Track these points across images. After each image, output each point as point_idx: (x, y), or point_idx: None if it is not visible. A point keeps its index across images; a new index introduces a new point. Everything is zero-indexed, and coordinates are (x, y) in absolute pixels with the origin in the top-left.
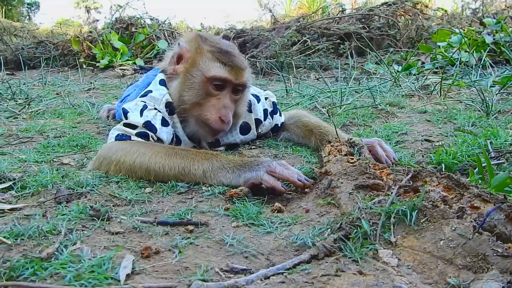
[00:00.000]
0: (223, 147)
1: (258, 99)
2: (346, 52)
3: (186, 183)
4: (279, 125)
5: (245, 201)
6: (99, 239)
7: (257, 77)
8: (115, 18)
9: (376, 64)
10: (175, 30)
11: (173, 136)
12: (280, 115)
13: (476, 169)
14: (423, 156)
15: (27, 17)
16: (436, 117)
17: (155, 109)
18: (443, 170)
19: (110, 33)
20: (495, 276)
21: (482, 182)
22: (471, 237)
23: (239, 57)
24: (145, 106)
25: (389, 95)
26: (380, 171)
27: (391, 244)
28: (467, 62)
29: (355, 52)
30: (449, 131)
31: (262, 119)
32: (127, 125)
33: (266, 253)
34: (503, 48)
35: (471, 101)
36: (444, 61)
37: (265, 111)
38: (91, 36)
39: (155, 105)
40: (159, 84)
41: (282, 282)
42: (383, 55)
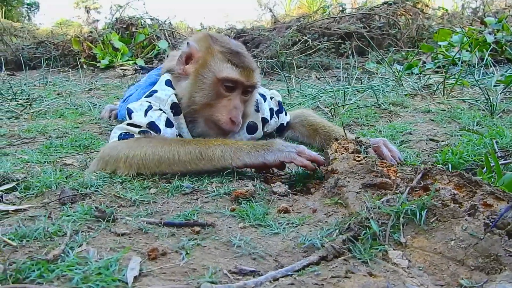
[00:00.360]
0: None
1: (264, 98)
2: (347, 52)
3: (198, 173)
4: (284, 124)
5: (251, 202)
6: (105, 241)
7: None
8: (116, 18)
9: (377, 64)
10: (176, 30)
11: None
12: (285, 114)
13: (484, 168)
14: (428, 156)
15: (27, 18)
16: (440, 117)
17: (160, 109)
18: (450, 169)
19: (111, 33)
20: (509, 277)
21: (492, 182)
22: (483, 237)
23: (249, 58)
24: (150, 106)
25: (392, 94)
26: (387, 169)
27: (400, 245)
28: (469, 62)
29: (355, 52)
30: (453, 130)
31: (268, 118)
32: (130, 125)
33: (274, 254)
34: (505, 47)
35: (475, 100)
36: (446, 60)
37: (271, 110)
38: (91, 36)
39: (160, 105)
40: (165, 84)
41: (291, 284)
42: (384, 55)
